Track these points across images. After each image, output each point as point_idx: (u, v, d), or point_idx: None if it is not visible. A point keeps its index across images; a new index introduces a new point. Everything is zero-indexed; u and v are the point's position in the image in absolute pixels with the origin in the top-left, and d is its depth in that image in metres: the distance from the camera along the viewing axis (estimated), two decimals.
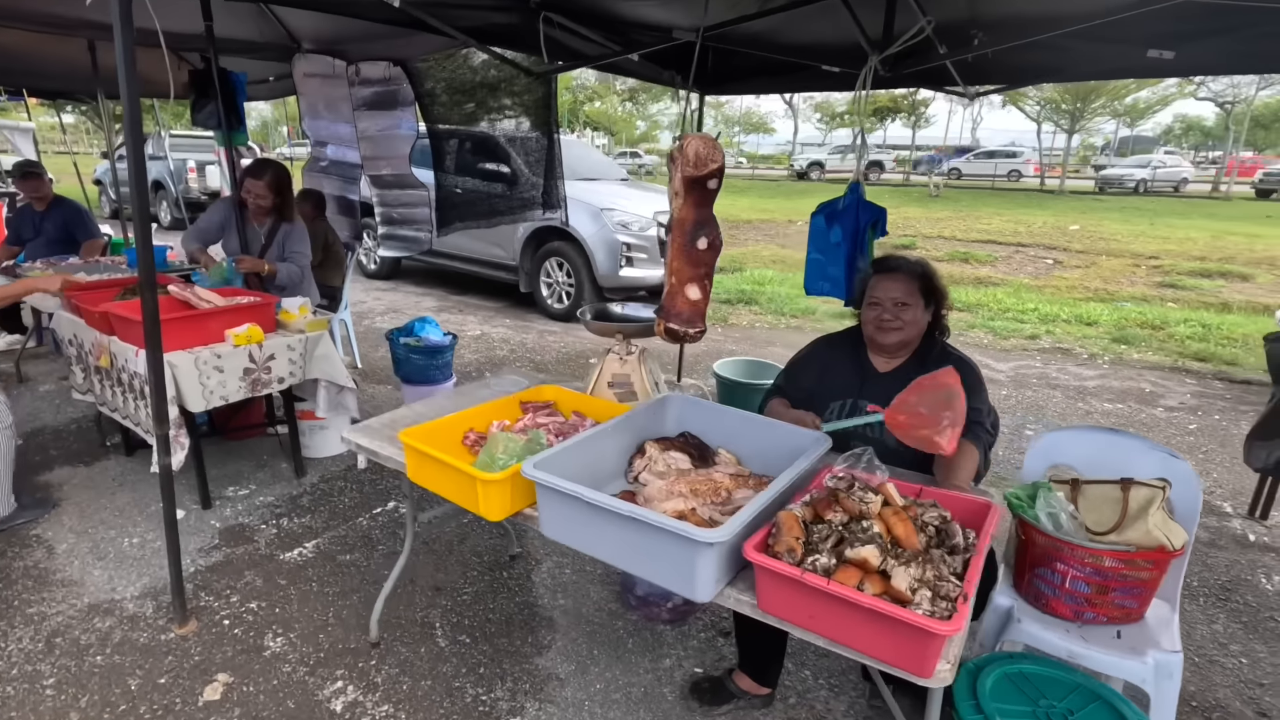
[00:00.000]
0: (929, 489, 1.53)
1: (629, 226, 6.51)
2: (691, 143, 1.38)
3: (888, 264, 2.11)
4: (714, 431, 1.89)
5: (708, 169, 1.38)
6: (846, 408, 2.12)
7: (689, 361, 5.42)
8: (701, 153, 1.36)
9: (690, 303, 1.48)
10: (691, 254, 1.42)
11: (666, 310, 1.51)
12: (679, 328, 1.51)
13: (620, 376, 2.10)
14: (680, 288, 1.45)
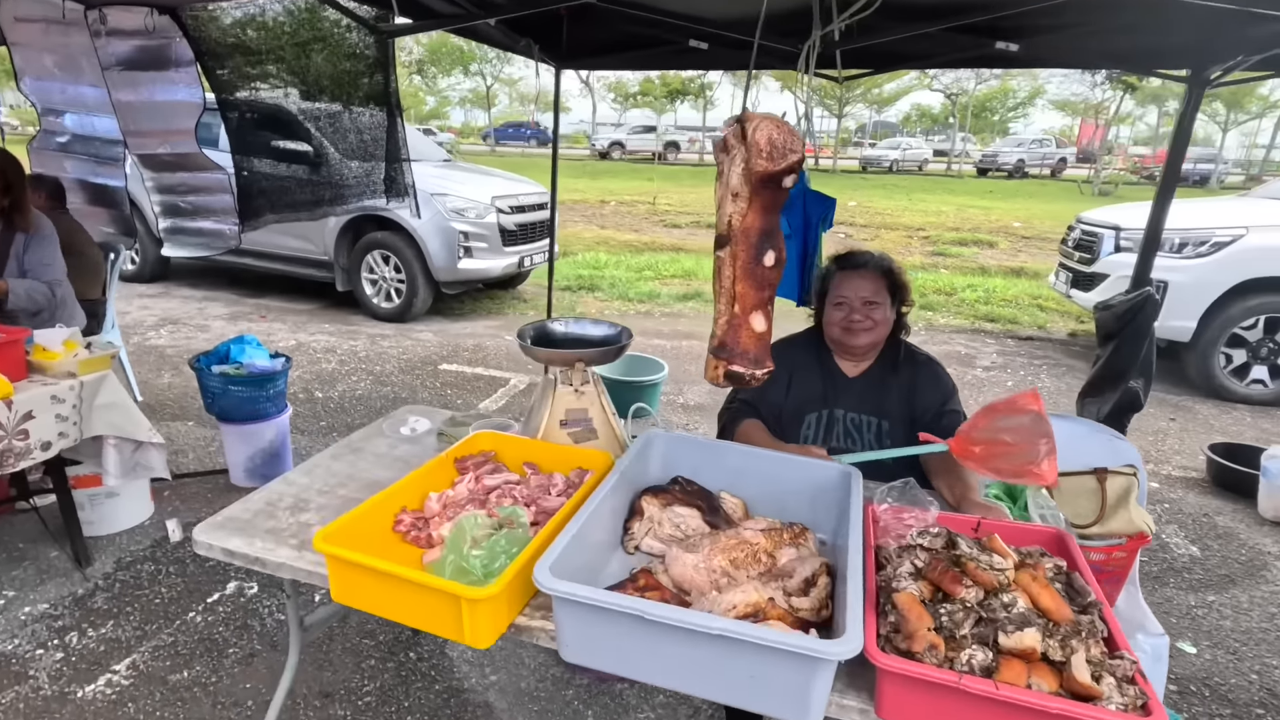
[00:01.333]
0: (986, 521, 1.37)
1: (464, 213, 5.87)
2: (762, 127, 1.01)
3: (853, 260, 1.94)
4: (710, 472, 1.59)
5: (786, 162, 1.05)
6: (823, 421, 1.93)
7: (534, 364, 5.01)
8: (777, 141, 1.02)
9: (757, 336, 1.16)
10: (757, 273, 1.10)
11: (728, 348, 1.17)
12: (745, 370, 1.18)
13: (576, 413, 1.71)
14: (745, 318, 1.12)
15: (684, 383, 4.88)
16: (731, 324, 1.11)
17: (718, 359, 1.15)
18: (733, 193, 1.04)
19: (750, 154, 0.98)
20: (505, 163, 24.11)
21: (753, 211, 1.03)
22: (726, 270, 1.09)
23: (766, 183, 1.00)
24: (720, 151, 1.09)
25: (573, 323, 1.84)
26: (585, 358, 1.63)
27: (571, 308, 6.87)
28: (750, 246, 1.06)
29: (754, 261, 1.07)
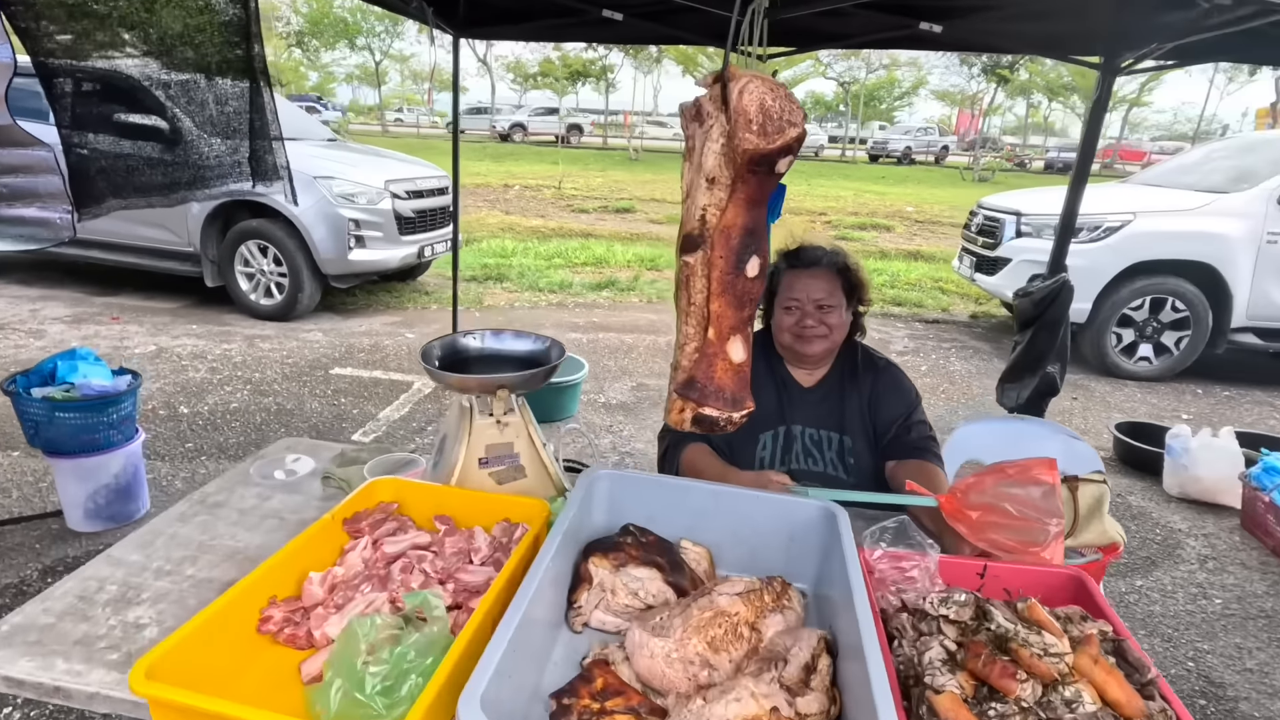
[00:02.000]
0: (994, 566, 1.19)
1: (354, 199, 5.30)
2: (751, 90, 0.75)
3: (804, 257, 1.72)
4: (668, 517, 1.32)
5: (783, 138, 0.75)
6: (779, 440, 1.72)
7: None
8: (772, 108, 0.73)
9: (734, 369, 0.88)
10: (738, 286, 0.82)
11: (698, 385, 0.88)
12: (719, 413, 0.90)
13: (499, 448, 1.39)
14: (721, 345, 0.84)
15: (605, 380, 4.60)
16: (704, 354, 0.84)
17: (684, 399, 0.88)
18: (707, 178, 0.77)
19: (735, 126, 0.71)
20: (400, 144, 22.82)
21: (735, 204, 0.77)
22: (698, 282, 0.82)
23: (756, 165, 0.73)
24: (690, 121, 0.81)
25: (490, 335, 1.51)
26: (510, 383, 1.32)
27: (479, 299, 6.42)
28: (730, 251, 0.79)
29: (734, 271, 0.81)
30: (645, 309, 6.55)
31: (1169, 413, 4.66)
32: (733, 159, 0.73)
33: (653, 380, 4.63)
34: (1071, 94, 30.78)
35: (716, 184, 0.76)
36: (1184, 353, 5.14)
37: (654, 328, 5.86)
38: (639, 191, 15.19)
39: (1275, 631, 2.53)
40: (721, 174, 0.76)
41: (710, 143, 0.77)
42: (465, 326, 5.50)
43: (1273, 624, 2.57)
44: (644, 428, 3.90)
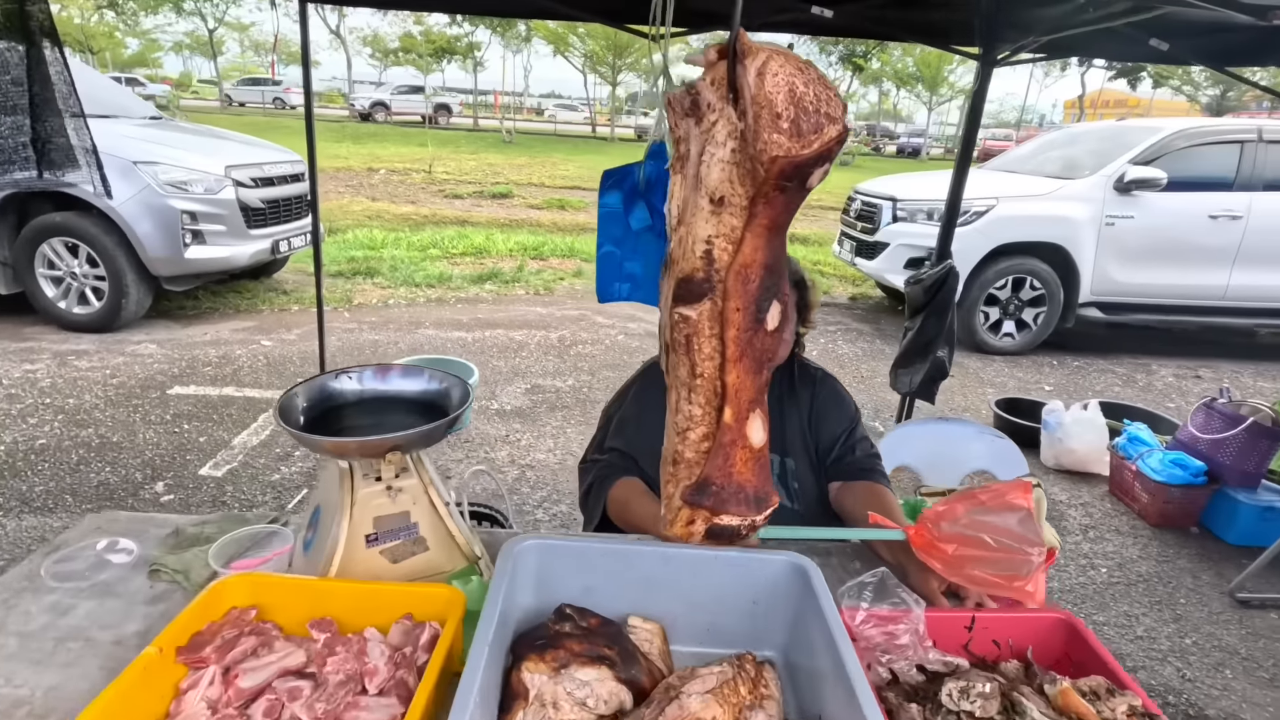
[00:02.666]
0: (981, 614, 1.06)
1: (188, 188, 4.57)
2: (776, 70, 0.51)
3: None
4: (610, 588, 1.10)
5: (822, 137, 0.52)
6: None
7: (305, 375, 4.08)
8: (807, 97, 0.51)
9: (755, 456, 0.66)
10: (757, 345, 0.60)
11: (714, 488, 0.65)
12: (742, 520, 0.67)
13: (392, 520, 1.10)
14: (740, 427, 0.62)
15: (496, 383, 4.27)
16: (719, 443, 0.62)
17: (695, 507, 0.65)
18: (712, 197, 0.54)
19: (756, 122, 0.48)
20: (243, 123, 20.65)
21: (754, 234, 0.54)
22: (705, 345, 0.59)
23: (786, 178, 0.52)
24: (682, 117, 0.57)
25: (372, 375, 1.20)
26: (403, 443, 1.04)
27: (347, 298, 5.81)
28: (749, 299, 0.57)
29: (753, 325, 0.59)
30: (533, 302, 6.23)
31: (1033, 384, 5.01)
32: (752, 171, 0.51)
33: (547, 381, 4.36)
34: (917, 83, 33.17)
35: (726, 206, 0.53)
36: (1041, 327, 5.55)
37: (544, 322, 5.56)
38: (515, 175, 14.63)
39: (1154, 595, 2.71)
40: (734, 192, 0.53)
41: (714, 148, 0.54)
42: (335, 326, 4.95)
43: (1151, 587, 2.75)
44: (542, 435, 3.63)
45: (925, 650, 0.99)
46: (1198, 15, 2.92)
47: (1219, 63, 3.32)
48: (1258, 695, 2.24)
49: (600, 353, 4.93)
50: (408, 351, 4.64)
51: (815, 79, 0.49)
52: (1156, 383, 5.21)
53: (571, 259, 7.90)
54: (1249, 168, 5.39)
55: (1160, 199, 5.29)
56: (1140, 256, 5.42)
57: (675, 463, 0.65)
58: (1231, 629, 2.54)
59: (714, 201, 0.54)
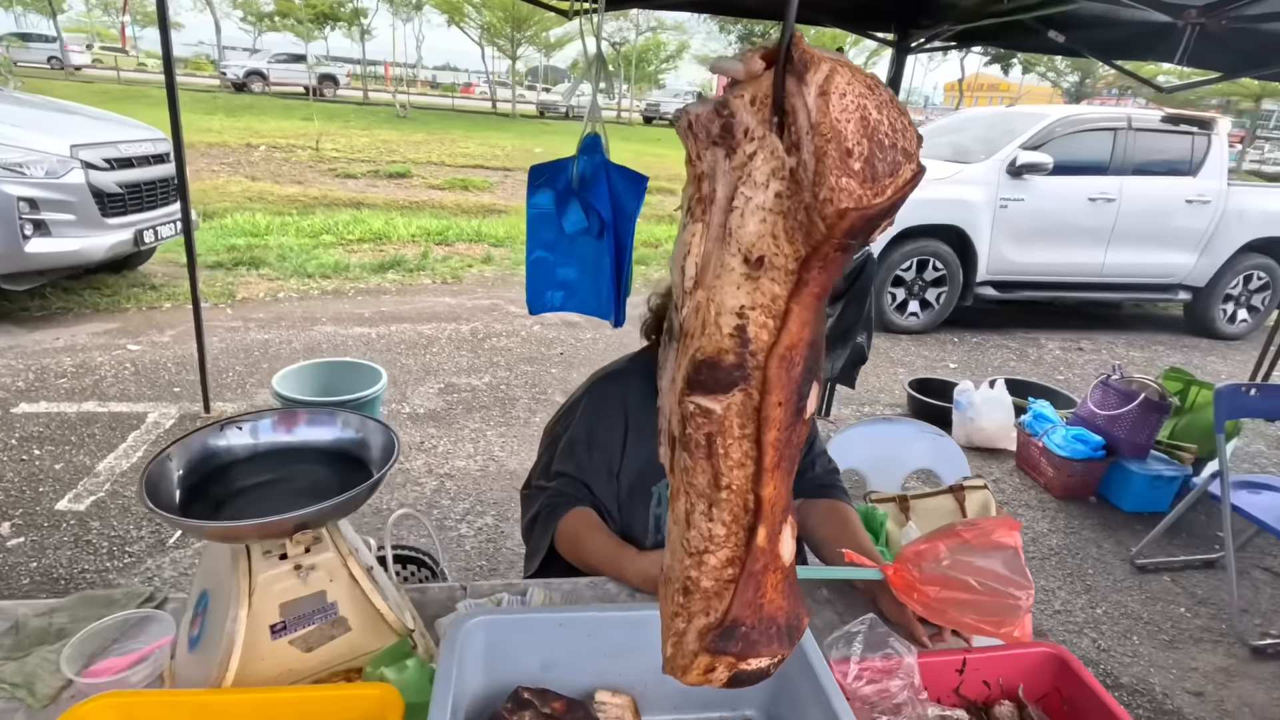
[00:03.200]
0: (972, 655, 1.00)
1: (24, 170, 3.94)
2: (844, 90, 0.36)
3: None
4: (570, 661, 0.95)
5: (897, 179, 0.38)
6: None
7: (182, 383, 3.67)
8: (881, 127, 0.37)
9: (785, 574, 0.52)
10: (794, 439, 0.47)
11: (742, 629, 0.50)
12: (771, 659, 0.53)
13: (304, 603, 0.91)
14: (773, 548, 0.48)
15: (406, 384, 3.97)
16: (751, 574, 0.48)
17: (716, 654, 0.52)
18: (747, 256, 0.38)
19: (820, 162, 0.36)
20: (93, 93, 18.47)
21: (803, 306, 0.40)
22: (734, 448, 0.44)
23: (853, 236, 0.39)
24: (709, 145, 0.40)
25: (270, 424, 0.99)
26: (313, 520, 0.84)
27: (229, 292, 5.26)
28: (794, 388, 0.44)
29: (795, 416, 0.45)
30: (440, 291, 5.88)
31: (938, 362, 5.22)
32: (806, 225, 0.37)
33: (462, 379, 4.11)
34: None
35: (767, 270, 0.39)
36: (943, 306, 5.80)
37: (454, 314, 5.26)
38: (412, 153, 13.85)
39: (1065, 567, 2.86)
40: (777, 251, 0.39)
41: (751, 190, 0.39)
42: (217, 325, 4.44)
43: (1062, 560, 2.90)
44: (461, 440, 3.41)
45: (922, 705, 0.92)
46: (1089, 10, 3.04)
47: (1106, 55, 3.49)
48: (1161, 658, 2.40)
49: (517, 345, 4.71)
50: (303, 352, 4.25)
51: (888, 101, 0.36)
52: (1046, 356, 5.56)
53: (479, 244, 7.54)
54: (1121, 153, 5.80)
55: (1047, 182, 5.60)
56: (1030, 237, 5.74)
57: (688, 592, 0.51)
58: (1134, 595, 2.71)
59: (750, 263, 0.40)
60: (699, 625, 0.52)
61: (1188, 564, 2.92)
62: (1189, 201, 5.89)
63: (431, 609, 1.17)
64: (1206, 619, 2.60)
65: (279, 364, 3.82)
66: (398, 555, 1.64)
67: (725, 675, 0.52)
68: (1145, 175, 5.84)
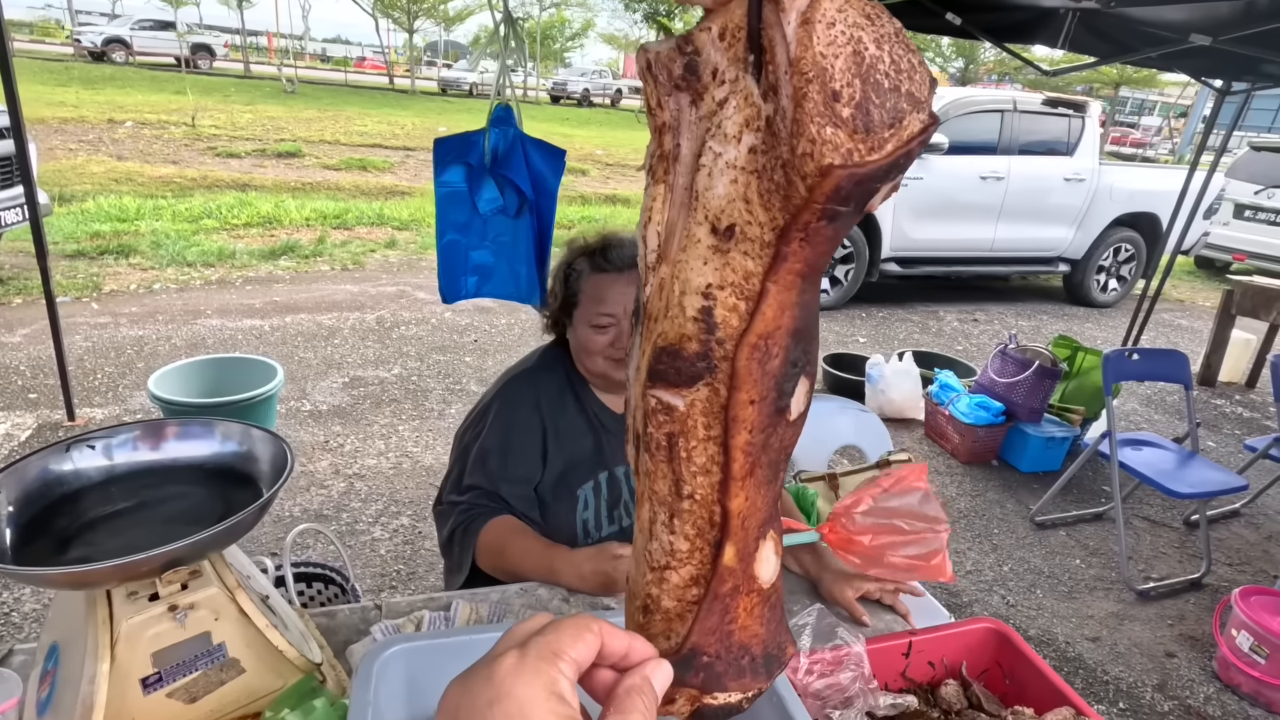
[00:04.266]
0: (917, 637, 0.98)
1: None
2: (834, 16, 0.28)
3: (616, 258, 1.29)
4: None
5: (903, 131, 0.30)
6: (602, 491, 1.33)
7: (39, 388, 3.28)
8: (880, 65, 0.29)
9: (764, 598, 0.44)
10: (774, 442, 0.38)
11: (703, 659, 0.42)
12: (744, 693, 0.45)
13: (183, 648, 0.77)
14: (745, 568, 0.39)
15: (305, 379, 3.69)
16: (717, 595, 0.40)
17: (679, 681, 0.45)
18: (715, 225, 0.31)
19: (799, 106, 0.28)
20: None
21: (781, 286, 0.33)
22: (697, 451, 0.36)
23: (842, 200, 0.30)
24: (670, 90, 0.32)
25: (126, 440, 0.83)
26: (187, 555, 0.71)
27: (94, 284, 4.72)
28: (770, 384, 0.36)
29: (772, 420, 0.38)
30: (340, 278, 5.52)
31: (849, 337, 5.39)
32: (784, 186, 0.29)
33: (368, 371, 3.86)
34: None
35: (739, 241, 0.31)
36: (851, 283, 5.98)
37: (357, 302, 4.94)
38: (303, 131, 12.96)
39: (973, 527, 3.01)
40: (752, 219, 0.30)
41: (721, 144, 0.30)
42: (80, 321, 3.95)
43: (970, 521, 3.05)
44: (370, 436, 3.20)
45: (873, 694, 0.89)
46: None
47: (997, 37, 3.65)
48: (1062, 609, 2.56)
49: (427, 334, 4.48)
50: (185, 348, 3.87)
51: (893, 35, 0.29)
52: (945, 328, 5.86)
53: (382, 227, 7.14)
54: (1008, 134, 6.14)
55: (943, 161, 5.86)
56: (928, 214, 5.99)
57: (648, 611, 0.44)
58: (1035, 550, 2.88)
59: (718, 233, 0.32)
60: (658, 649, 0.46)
61: (1080, 518, 3.14)
62: (1067, 180, 6.32)
63: (342, 635, 1.05)
64: (1099, 568, 2.80)
65: (157, 363, 3.46)
66: (301, 574, 1.49)
67: (687, 709, 0.45)
68: (1029, 155, 6.21)
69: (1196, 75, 4.34)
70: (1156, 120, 39.91)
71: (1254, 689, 2.19)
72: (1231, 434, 4.24)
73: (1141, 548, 2.99)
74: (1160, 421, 4.31)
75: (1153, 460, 2.75)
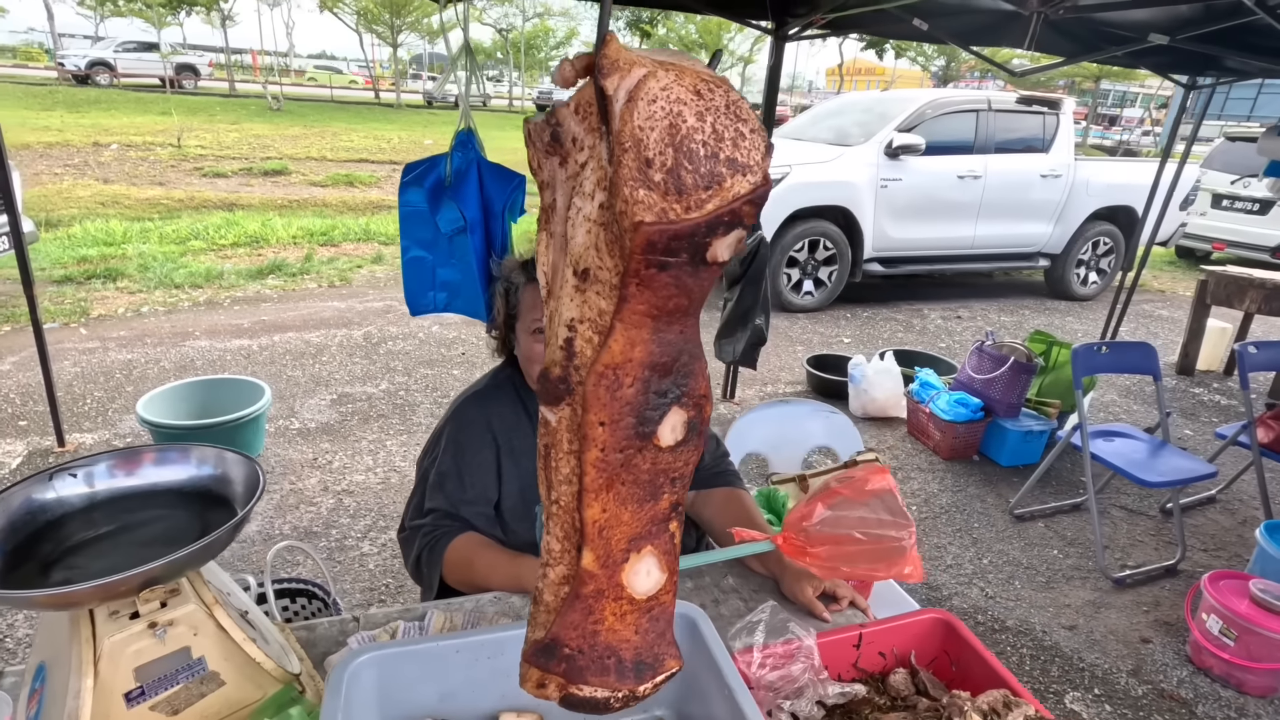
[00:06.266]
0: (868, 629, 1.04)
1: None
2: (655, 95, 0.34)
3: None
4: (470, 690, 0.91)
5: (720, 195, 0.36)
6: None
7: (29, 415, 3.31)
8: (696, 136, 0.34)
9: (638, 608, 0.48)
10: (640, 463, 0.42)
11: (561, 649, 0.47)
12: (609, 692, 0.50)
13: (164, 664, 0.82)
14: (606, 573, 0.43)
15: (294, 398, 3.73)
16: (579, 595, 0.45)
17: (543, 667, 0.49)
18: (575, 268, 0.37)
19: (617, 171, 0.35)
20: None
21: (627, 324, 0.37)
22: (563, 462, 0.42)
23: (665, 253, 0.36)
24: (544, 154, 0.39)
25: (105, 467, 0.88)
26: (164, 573, 0.75)
27: (81, 309, 4.75)
28: (621, 410, 0.40)
29: (632, 444, 0.43)
30: (327, 295, 5.56)
31: (833, 338, 5.45)
32: (619, 238, 0.37)
33: (356, 387, 3.90)
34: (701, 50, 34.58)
35: (592, 283, 0.37)
36: (835, 284, 6.05)
37: (344, 319, 4.98)
38: (289, 149, 13.01)
39: (954, 523, 3.06)
40: (601, 264, 0.37)
41: (581, 200, 0.36)
42: (69, 347, 3.98)
43: (951, 516, 3.11)
44: (359, 453, 3.24)
45: (822, 684, 0.94)
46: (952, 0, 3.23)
47: (964, 41, 3.73)
48: (1039, 599, 2.62)
49: (414, 349, 4.52)
50: (173, 371, 3.90)
51: (719, 108, 0.34)
52: (929, 325, 5.93)
53: (369, 243, 7.18)
54: (984, 133, 6.24)
55: (921, 162, 5.94)
56: (908, 214, 6.08)
57: (536, 601, 0.51)
58: (1014, 543, 2.94)
59: (578, 274, 0.38)
60: (533, 636, 0.51)
61: (1058, 509, 3.20)
62: (1043, 176, 6.42)
63: (321, 646, 1.10)
64: (1076, 558, 2.86)
65: (146, 386, 3.49)
66: (284, 589, 1.53)
67: (557, 695, 0.50)
68: (1005, 153, 6.30)
69: (1162, 72, 4.43)
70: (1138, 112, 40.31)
71: (1225, 671, 2.24)
72: (1209, 421, 4.32)
73: (1118, 537, 3.05)
74: (1140, 411, 4.38)
75: (1124, 450, 2.81)
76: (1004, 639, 2.39)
